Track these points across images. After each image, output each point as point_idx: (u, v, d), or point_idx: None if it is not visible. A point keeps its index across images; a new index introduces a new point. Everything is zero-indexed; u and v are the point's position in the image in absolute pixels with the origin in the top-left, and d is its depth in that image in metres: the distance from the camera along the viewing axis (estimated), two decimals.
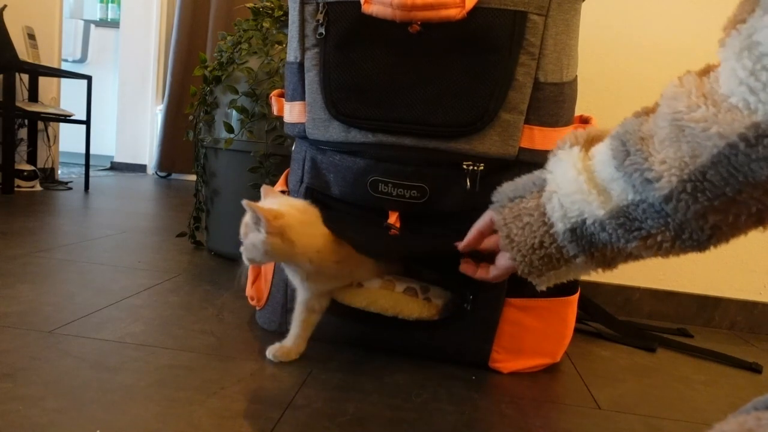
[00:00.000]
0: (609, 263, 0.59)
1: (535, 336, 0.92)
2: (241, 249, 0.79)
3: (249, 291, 1.07)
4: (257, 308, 1.05)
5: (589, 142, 0.58)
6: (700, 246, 0.49)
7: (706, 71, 0.46)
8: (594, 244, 0.57)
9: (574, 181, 0.56)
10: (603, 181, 0.54)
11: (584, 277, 1.38)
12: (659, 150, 0.47)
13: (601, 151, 0.55)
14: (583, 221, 0.56)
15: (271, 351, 0.88)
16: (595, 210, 0.54)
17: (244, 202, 0.74)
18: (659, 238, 0.51)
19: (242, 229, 0.79)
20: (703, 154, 0.44)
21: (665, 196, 0.47)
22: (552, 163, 0.61)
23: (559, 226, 0.58)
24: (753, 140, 0.41)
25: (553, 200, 0.59)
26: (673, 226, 0.49)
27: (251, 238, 0.77)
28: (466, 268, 0.75)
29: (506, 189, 0.66)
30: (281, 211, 0.77)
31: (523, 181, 0.65)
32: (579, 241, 0.58)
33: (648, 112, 0.51)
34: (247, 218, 0.78)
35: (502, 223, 0.64)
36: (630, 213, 0.52)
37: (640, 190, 0.50)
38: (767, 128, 0.40)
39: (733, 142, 0.41)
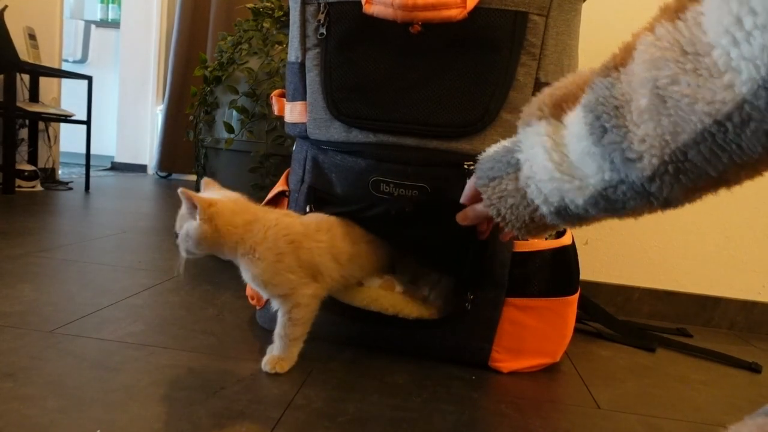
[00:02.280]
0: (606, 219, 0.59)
1: (535, 336, 0.92)
2: (177, 241, 0.83)
3: (249, 290, 1.07)
4: (257, 308, 1.05)
5: (557, 107, 0.55)
6: (686, 204, 0.48)
7: (680, 8, 0.40)
8: (583, 219, 0.57)
9: (545, 168, 0.55)
10: (577, 157, 0.51)
11: (584, 277, 1.38)
12: (638, 123, 0.43)
13: (575, 123, 0.51)
14: (566, 206, 0.55)
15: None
16: (573, 197, 0.53)
17: (180, 191, 0.79)
18: (647, 211, 0.50)
19: (177, 222, 0.83)
20: (684, 131, 0.40)
21: (648, 177, 0.45)
22: (521, 136, 0.59)
23: (544, 209, 0.58)
24: (738, 122, 0.36)
25: (531, 186, 0.58)
26: (659, 204, 0.47)
27: (186, 227, 0.81)
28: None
29: (485, 166, 0.65)
30: (215, 200, 0.81)
31: (498, 157, 0.64)
32: (567, 218, 0.58)
33: (617, 65, 0.46)
34: (183, 210, 0.82)
35: (488, 202, 0.64)
36: (609, 197, 0.50)
37: (620, 169, 0.47)
38: (752, 110, 0.35)
39: (719, 120, 0.37)
